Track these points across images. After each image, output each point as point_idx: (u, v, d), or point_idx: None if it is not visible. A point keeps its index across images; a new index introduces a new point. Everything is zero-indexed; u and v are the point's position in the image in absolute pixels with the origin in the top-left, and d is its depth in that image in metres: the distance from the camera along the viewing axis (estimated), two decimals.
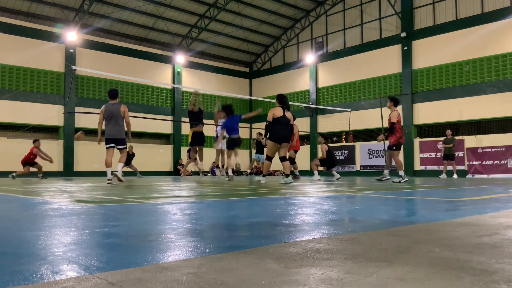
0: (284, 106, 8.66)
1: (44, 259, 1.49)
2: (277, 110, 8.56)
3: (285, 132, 8.58)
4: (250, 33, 23.56)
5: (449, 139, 15.14)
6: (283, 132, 8.55)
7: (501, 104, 16.17)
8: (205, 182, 10.06)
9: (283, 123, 8.52)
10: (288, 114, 8.68)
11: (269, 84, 25.06)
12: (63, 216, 2.86)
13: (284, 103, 8.70)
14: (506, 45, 16.27)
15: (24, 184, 8.73)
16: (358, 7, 21.33)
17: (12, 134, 17.02)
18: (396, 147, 9.52)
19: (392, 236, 1.99)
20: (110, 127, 8.62)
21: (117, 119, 8.62)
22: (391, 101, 9.81)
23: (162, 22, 20.98)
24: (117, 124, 8.65)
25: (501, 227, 2.26)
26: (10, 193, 5.75)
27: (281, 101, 8.73)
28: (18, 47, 17.65)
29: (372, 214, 3.19)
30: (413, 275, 1.26)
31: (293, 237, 1.97)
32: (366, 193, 5.65)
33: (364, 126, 20.30)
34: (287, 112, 8.65)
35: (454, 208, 3.59)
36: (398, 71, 19.34)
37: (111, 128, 8.63)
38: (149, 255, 1.57)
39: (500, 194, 5.19)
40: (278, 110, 8.55)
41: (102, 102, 19.71)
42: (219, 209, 3.62)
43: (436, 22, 18.52)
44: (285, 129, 8.58)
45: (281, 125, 8.51)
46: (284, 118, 8.52)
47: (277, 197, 4.86)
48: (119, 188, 6.70)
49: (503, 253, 1.56)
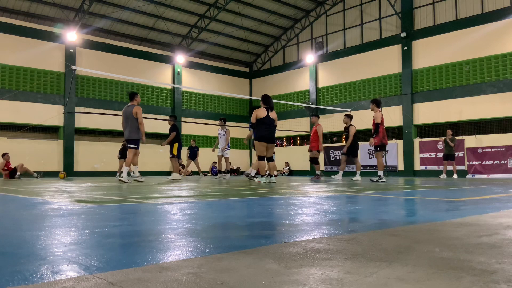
0: (268, 106, 8.83)
1: (44, 259, 1.49)
2: (260, 111, 8.75)
3: (269, 132, 8.80)
4: (250, 33, 23.56)
5: (451, 138, 15.03)
6: (267, 132, 8.75)
7: (501, 104, 16.17)
8: (205, 181, 10.07)
9: (267, 123, 8.71)
10: (273, 114, 8.85)
11: (269, 84, 25.06)
12: (63, 216, 2.86)
13: (269, 104, 8.85)
14: (506, 45, 16.27)
15: (24, 184, 8.73)
16: (358, 7, 21.32)
17: (12, 134, 17.02)
18: (380, 148, 9.70)
19: (392, 236, 1.99)
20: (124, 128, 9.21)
21: (130, 120, 9.03)
22: (373, 103, 10.03)
23: (162, 22, 20.98)
24: (128, 125, 9.04)
25: (501, 227, 2.26)
26: (10, 193, 5.75)
27: (266, 101, 8.88)
28: (18, 47, 17.66)
29: (372, 214, 3.19)
30: (413, 275, 1.26)
31: (293, 237, 1.97)
32: (366, 193, 5.65)
33: (364, 126, 20.28)
34: (271, 112, 8.81)
35: (454, 208, 3.59)
36: (398, 71, 19.34)
37: (124, 129, 9.21)
38: (149, 255, 1.57)
39: (500, 194, 5.19)
40: (262, 111, 8.74)
41: (102, 102, 19.82)
42: (219, 209, 3.62)
43: (436, 22, 18.52)
44: (269, 129, 8.78)
45: (265, 125, 8.71)
46: (268, 118, 8.70)
47: (277, 197, 4.86)
48: (119, 188, 6.70)
49: (503, 253, 1.56)
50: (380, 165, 9.89)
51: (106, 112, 18.46)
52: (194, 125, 21.96)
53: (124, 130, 9.14)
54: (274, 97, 23.69)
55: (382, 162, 9.93)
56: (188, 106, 23.08)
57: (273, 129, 8.89)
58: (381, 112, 9.92)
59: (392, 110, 18.91)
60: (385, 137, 9.90)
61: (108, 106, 19.64)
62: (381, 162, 9.90)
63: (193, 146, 17.58)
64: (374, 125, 9.75)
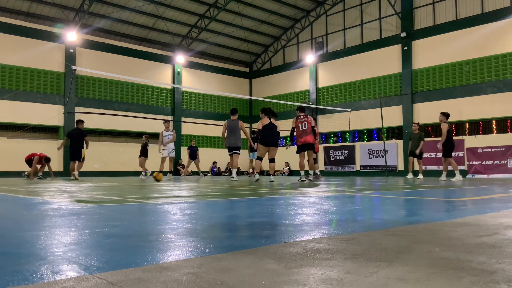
0: (269, 115, 9.99)
1: (44, 259, 1.49)
2: (264, 119, 9.91)
3: (273, 137, 9.97)
4: (250, 33, 23.55)
5: (416, 134, 13.91)
6: (271, 137, 9.92)
7: (501, 104, 16.17)
8: (205, 181, 10.08)
9: (270, 128, 9.89)
10: (274, 121, 10.02)
11: (269, 84, 25.06)
12: (63, 216, 2.86)
13: (269, 113, 10.02)
14: (506, 45, 16.27)
15: (24, 184, 8.74)
16: (358, 7, 21.32)
17: (12, 134, 17.02)
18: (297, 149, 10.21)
19: (392, 236, 1.99)
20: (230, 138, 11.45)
21: (236, 131, 11.38)
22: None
23: (162, 22, 20.97)
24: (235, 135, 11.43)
25: (501, 227, 2.26)
26: (10, 193, 5.75)
27: (266, 112, 10.04)
28: (18, 47, 17.65)
29: (372, 214, 3.19)
30: (413, 275, 1.26)
31: (293, 237, 1.97)
32: (366, 193, 5.65)
33: (364, 126, 20.30)
34: (273, 120, 9.99)
35: (454, 208, 3.59)
36: (398, 71, 19.34)
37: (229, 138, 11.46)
38: (149, 255, 1.57)
39: (500, 194, 5.19)
40: (265, 119, 9.91)
41: (102, 102, 19.82)
42: (219, 209, 3.62)
43: (436, 22, 18.52)
44: (273, 134, 9.95)
45: (269, 131, 9.88)
46: (271, 124, 9.88)
47: (277, 197, 4.86)
48: (119, 188, 6.71)
49: (503, 253, 1.56)
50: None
51: (106, 112, 18.47)
52: (194, 125, 21.97)
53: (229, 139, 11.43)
54: (274, 97, 23.76)
55: (302, 163, 10.29)
56: (188, 106, 23.07)
57: (274, 132, 9.98)
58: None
59: (392, 110, 18.90)
60: (300, 139, 10.19)
61: (108, 106, 19.64)
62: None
63: (193, 146, 17.59)
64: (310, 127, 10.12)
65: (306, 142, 9.87)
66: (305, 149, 10.00)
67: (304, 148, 9.97)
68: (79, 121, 13.02)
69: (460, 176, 11.04)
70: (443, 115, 11.41)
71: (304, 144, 9.91)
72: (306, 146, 9.94)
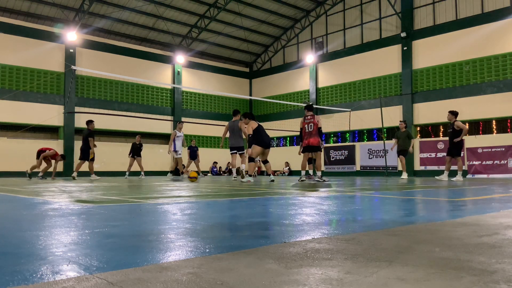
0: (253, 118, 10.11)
1: (44, 259, 1.49)
2: (252, 123, 9.86)
3: (268, 138, 9.95)
4: (250, 33, 23.55)
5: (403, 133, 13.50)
6: (267, 138, 9.88)
7: (501, 104, 16.16)
8: (205, 181, 10.07)
9: (263, 130, 9.87)
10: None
11: (269, 84, 25.06)
12: (63, 216, 2.86)
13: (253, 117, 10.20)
14: (506, 45, 16.27)
15: (24, 184, 8.74)
16: (358, 7, 21.32)
17: (12, 134, 17.02)
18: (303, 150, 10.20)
19: (392, 236, 1.99)
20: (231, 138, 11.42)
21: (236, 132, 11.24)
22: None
23: (162, 22, 20.97)
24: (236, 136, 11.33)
25: (501, 227, 2.26)
26: (10, 193, 5.75)
27: (250, 116, 10.16)
28: (18, 47, 17.65)
29: (372, 214, 3.19)
30: (413, 275, 1.26)
31: (293, 237, 1.97)
32: (366, 193, 5.65)
33: (364, 126, 20.30)
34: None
35: (454, 208, 3.59)
36: (398, 71, 19.34)
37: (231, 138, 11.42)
38: (149, 255, 1.57)
39: (500, 194, 5.19)
40: (253, 122, 9.87)
41: (102, 102, 19.83)
42: (219, 209, 3.62)
43: (436, 22, 18.52)
44: (267, 135, 9.95)
45: (265, 132, 9.88)
46: (261, 127, 9.89)
47: (277, 197, 4.86)
48: (119, 188, 6.71)
49: (503, 253, 1.56)
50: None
51: (106, 112, 18.45)
52: (194, 125, 21.96)
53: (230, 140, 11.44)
54: (274, 97, 23.77)
55: (461, 164, 10.82)
56: (188, 106, 23.08)
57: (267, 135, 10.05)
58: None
59: (392, 110, 18.89)
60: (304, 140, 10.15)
61: (108, 106, 19.64)
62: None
63: (193, 146, 17.58)
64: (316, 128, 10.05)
65: (310, 145, 9.78)
66: (309, 151, 9.97)
67: (307, 150, 9.93)
68: (87, 122, 12.94)
69: (461, 177, 11.03)
70: (452, 114, 11.22)
71: (308, 146, 9.84)
72: (310, 148, 9.88)
